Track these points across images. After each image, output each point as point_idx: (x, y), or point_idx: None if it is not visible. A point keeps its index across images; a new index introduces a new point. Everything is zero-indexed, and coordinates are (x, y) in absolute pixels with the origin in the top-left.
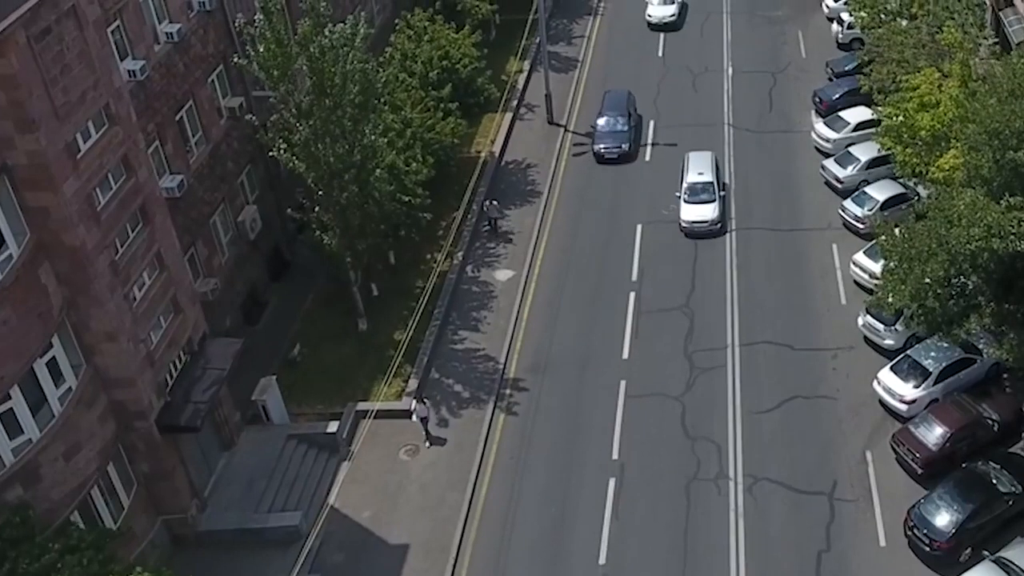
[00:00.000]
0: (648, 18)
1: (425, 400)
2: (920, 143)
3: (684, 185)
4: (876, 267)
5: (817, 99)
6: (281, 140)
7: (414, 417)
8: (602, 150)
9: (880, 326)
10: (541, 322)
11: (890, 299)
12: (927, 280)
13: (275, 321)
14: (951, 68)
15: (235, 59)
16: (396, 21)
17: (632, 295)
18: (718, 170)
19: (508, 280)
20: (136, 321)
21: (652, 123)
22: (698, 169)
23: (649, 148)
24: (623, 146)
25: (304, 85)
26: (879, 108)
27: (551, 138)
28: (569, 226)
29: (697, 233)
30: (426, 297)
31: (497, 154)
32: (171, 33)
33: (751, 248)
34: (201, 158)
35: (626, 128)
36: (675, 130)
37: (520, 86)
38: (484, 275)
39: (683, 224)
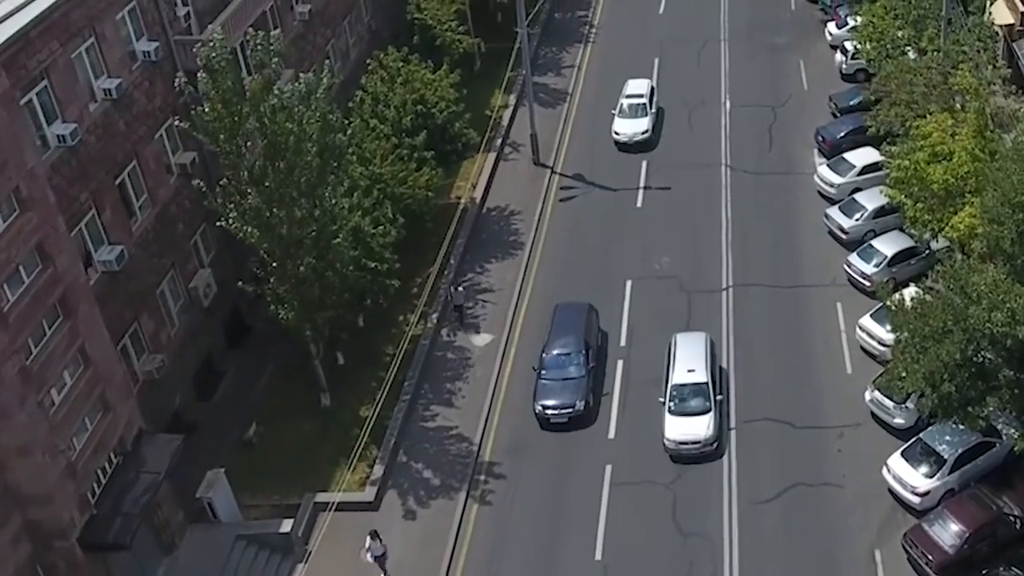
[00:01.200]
0: (615, 135)
1: (380, 537)
2: (932, 197)
3: (668, 386)
4: (884, 333)
5: (820, 138)
6: (231, 205)
7: (368, 556)
8: (547, 411)
9: (889, 403)
10: (520, 395)
11: (902, 382)
12: (942, 361)
13: (232, 394)
14: (965, 116)
15: (176, 121)
16: (368, 61)
17: (620, 364)
18: (713, 359)
19: (486, 345)
20: (54, 429)
21: (645, 163)
22: (688, 363)
23: (641, 192)
24: (576, 403)
25: (256, 147)
26: (887, 149)
27: (537, 181)
28: (553, 282)
29: (685, 457)
30: (396, 366)
31: (479, 200)
32: (110, 89)
33: (748, 308)
34: (146, 223)
35: (582, 371)
36: (669, 172)
37: (505, 122)
38: (460, 339)
39: (667, 443)
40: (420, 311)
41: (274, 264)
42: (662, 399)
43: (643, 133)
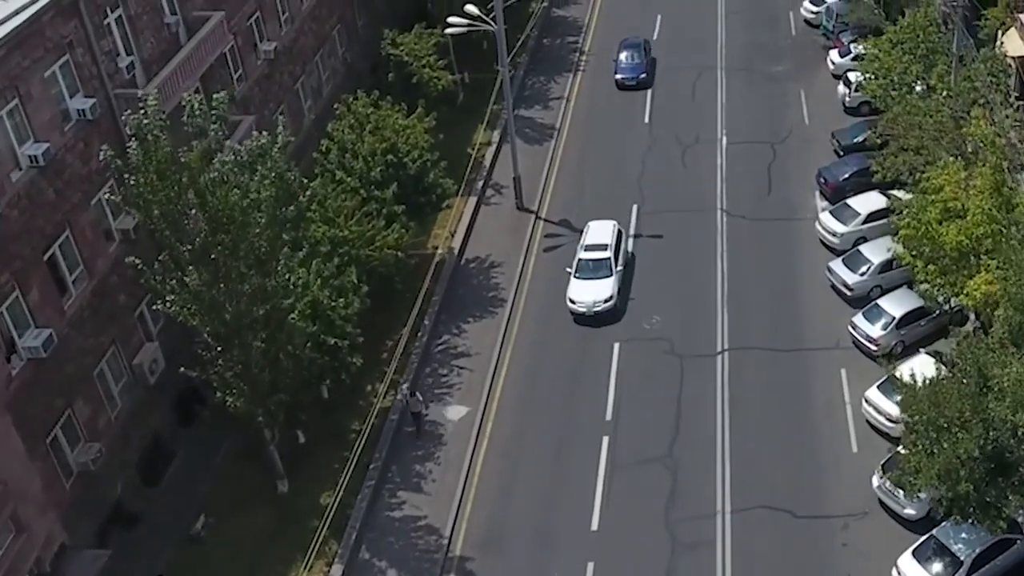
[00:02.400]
0: (570, 304)
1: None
2: (944, 257)
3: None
4: (892, 408)
5: (822, 180)
6: (173, 282)
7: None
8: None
9: (899, 491)
10: (496, 479)
11: (914, 479)
12: (959, 458)
13: (181, 478)
14: (980, 171)
15: (107, 195)
16: (335, 106)
17: (605, 441)
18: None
19: (461, 419)
20: None
21: (635, 208)
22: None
23: (631, 241)
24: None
25: (197, 220)
26: (894, 201)
27: (520, 228)
28: (536, 345)
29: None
30: (361, 445)
31: (457, 250)
32: (36, 156)
33: (745, 376)
34: (81, 299)
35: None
36: (661, 217)
37: (488, 162)
38: (433, 412)
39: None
40: (389, 379)
41: (219, 349)
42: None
43: (606, 301)
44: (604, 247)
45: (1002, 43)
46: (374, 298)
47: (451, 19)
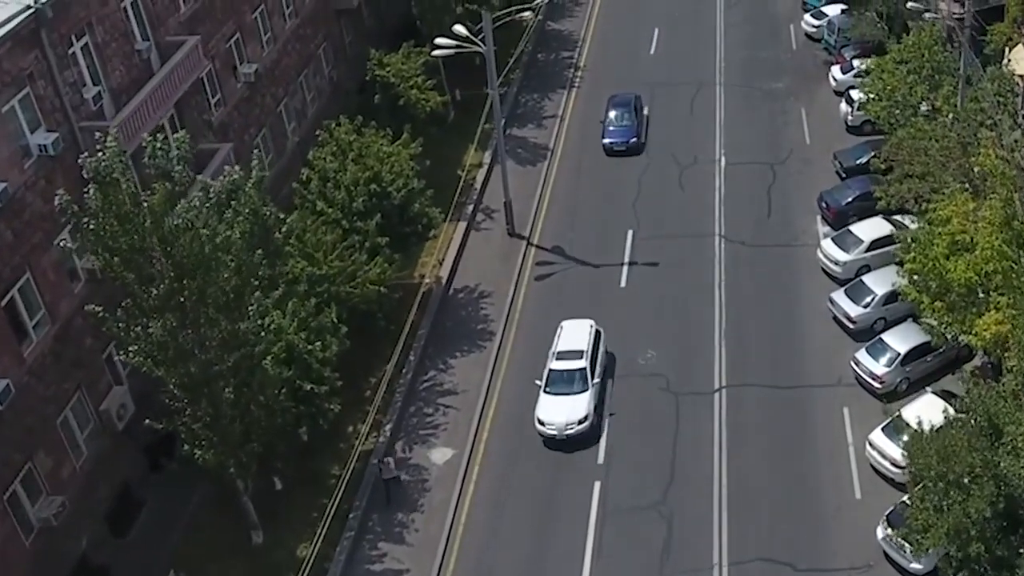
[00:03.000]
0: (538, 425)
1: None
2: (952, 293)
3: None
4: (897, 452)
5: (824, 204)
6: (137, 330)
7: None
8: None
9: (907, 544)
10: (482, 528)
11: (922, 538)
12: (970, 518)
13: (151, 529)
14: (989, 203)
15: (60, 243)
16: (317, 133)
17: (597, 486)
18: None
19: (446, 463)
20: None
21: (631, 233)
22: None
23: (625, 269)
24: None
25: (162, 266)
26: (899, 233)
27: (511, 255)
28: (525, 382)
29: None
30: (340, 492)
31: (445, 279)
32: None
33: (744, 415)
34: (43, 345)
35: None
36: (658, 243)
37: (479, 185)
38: (417, 455)
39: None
40: (372, 420)
41: (186, 400)
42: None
43: (580, 422)
44: (579, 355)
45: (1009, 60)
46: (356, 333)
47: (439, 40)
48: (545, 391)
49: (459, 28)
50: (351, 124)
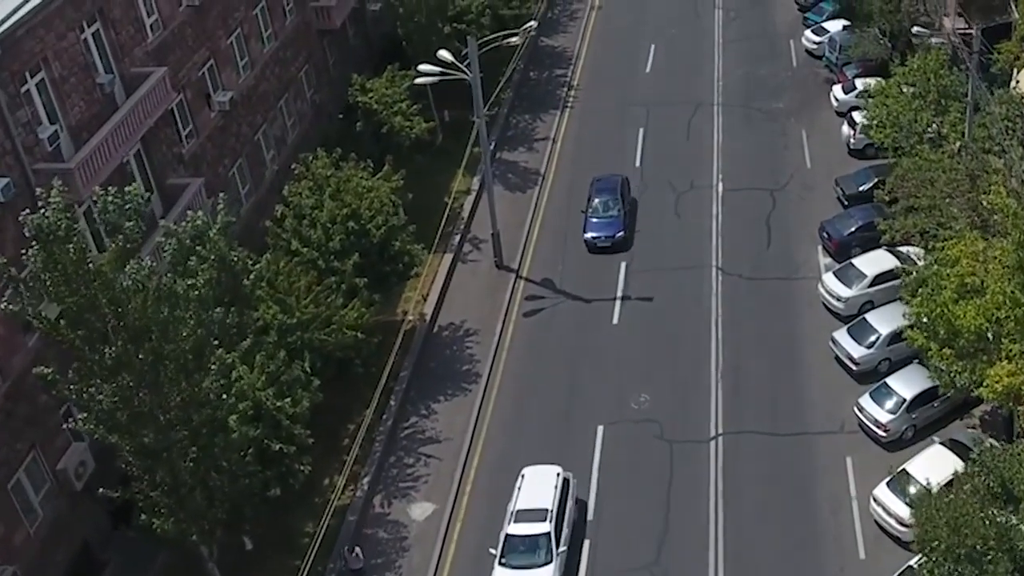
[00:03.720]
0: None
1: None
2: (961, 339)
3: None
4: (903, 509)
5: (825, 234)
6: (90, 391)
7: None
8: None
9: None
10: None
11: None
12: None
13: None
14: (1000, 245)
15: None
16: (293, 166)
17: (586, 546)
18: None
19: (426, 519)
20: None
21: (624, 265)
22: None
23: (618, 305)
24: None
25: (114, 327)
26: (903, 253)
27: (499, 289)
28: (511, 428)
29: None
30: (314, 552)
31: (429, 316)
32: None
33: (742, 465)
34: None
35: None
36: (652, 276)
37: (466, 213)
38: (395, 510)
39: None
40: (349, 469)
41: (142, 468)
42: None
43: None
44: (542, 515)
45: (1018, 82)
46: (333, 378)
47: (422, 67)
48: (500, 563)
49: (444, 54)
50: (328, 157)
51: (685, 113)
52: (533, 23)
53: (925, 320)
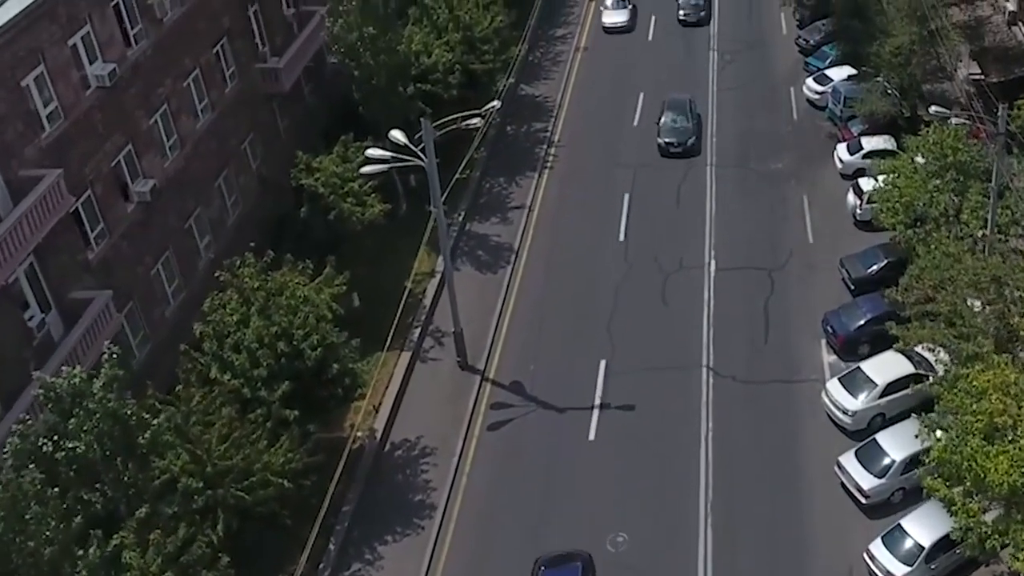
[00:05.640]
0: None
1: None
2: (992, 494)
3: None
4: None
5: (830, 328)
6: None
7: None
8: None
9: None
10: None
11: None
12: None
13: None
14: None
15: None
16: (217, 274)
17: None
18: None
19: None
20: None
21: (603, 365)
22: None
23: (595, 415)
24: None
25: None
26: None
27: (462, 395)
28: None
29: None
30: None
31: (380, 432)
32: None
33: None
34: None
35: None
36: (635, 378)
37: (429, 299)
38: None
39: None
40: None
41: None
42: None
43: None
44: None
45: None
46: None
47: (370, 152)
48: None
49: (396, 135)
50: (257, 263)
51: (675, 175)
52: (496, 103)
53: (946, 468)
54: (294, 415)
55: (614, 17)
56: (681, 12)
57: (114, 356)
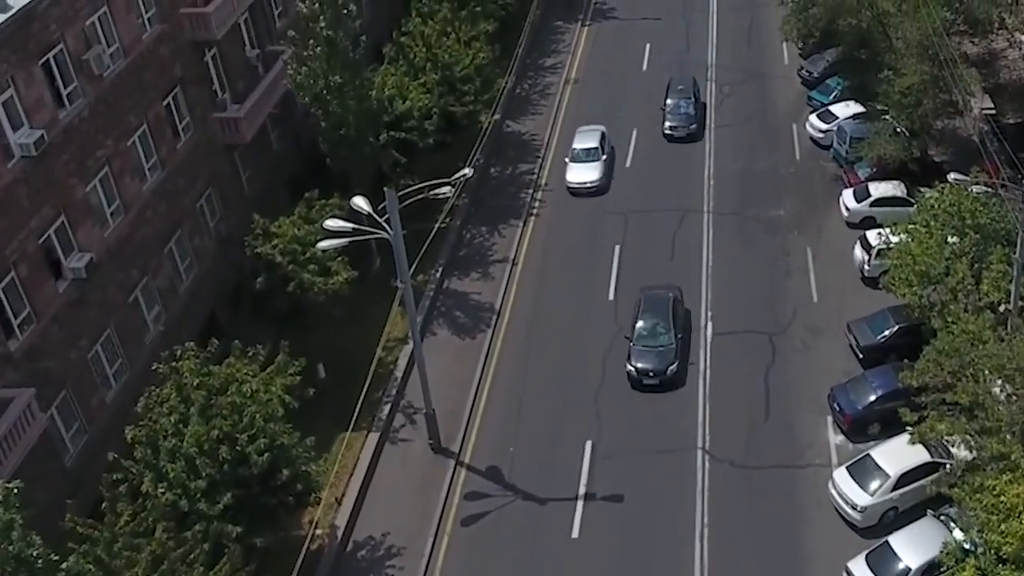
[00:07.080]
0: None
1: None
2: None
3: None
4: None
5: (836, 406)
6: None
7: None
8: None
9: None
10: None
11: None
12: None
13: None
14: None
15: None
16: (155, 366)
17: None
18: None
19: None
20: None
21: (589, 447)
22: None
23: (580, 507)
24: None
25: None
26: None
27: (433, 483)
28: None
29: None
30: None
31: (342, 530)
32: None
33: None
34: None
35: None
36: (623, 463)
37: (400, 370)
38: None
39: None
40: None
41: None
42: None
43: None
44: None
45: None
46: None
47: (329, 223)
48: None
49: (359, 202)
50: (199, 355)
51: (669, 224)
52: (468, 171)
53: None
54: (236, 532)
55: (581, 175)
56: (667, 124)
57: (14, 493)
